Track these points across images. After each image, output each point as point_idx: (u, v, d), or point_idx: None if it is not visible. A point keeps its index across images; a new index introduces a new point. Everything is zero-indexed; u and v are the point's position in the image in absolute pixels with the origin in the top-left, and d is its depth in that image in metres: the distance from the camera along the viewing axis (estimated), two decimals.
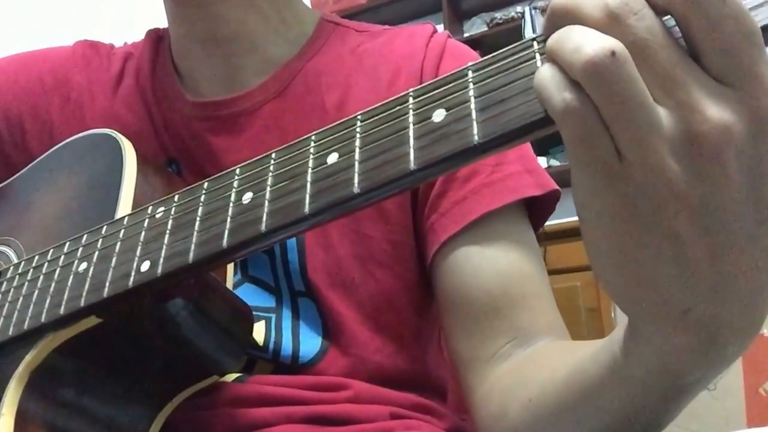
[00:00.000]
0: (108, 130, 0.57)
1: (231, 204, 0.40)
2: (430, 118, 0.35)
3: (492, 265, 0.54)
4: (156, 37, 0.68)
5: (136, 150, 0.54)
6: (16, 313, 0.47)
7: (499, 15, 2.92)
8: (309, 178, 0.37)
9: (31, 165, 0.61)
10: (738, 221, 0.28)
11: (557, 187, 0.57)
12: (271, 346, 0.56)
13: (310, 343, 0.56)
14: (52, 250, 0.49)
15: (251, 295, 0.57)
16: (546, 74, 0.29)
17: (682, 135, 0.27)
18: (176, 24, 0.64)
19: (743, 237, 0.29)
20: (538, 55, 0.33)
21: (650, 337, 0.33)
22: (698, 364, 0.33)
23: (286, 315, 0.57)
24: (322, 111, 0.59)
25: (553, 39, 0.29)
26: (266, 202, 0.38)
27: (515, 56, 0.34)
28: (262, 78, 0.61)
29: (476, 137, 0.33)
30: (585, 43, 0.27)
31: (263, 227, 0.38)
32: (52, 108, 0.65)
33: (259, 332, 0.56)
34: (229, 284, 0.55)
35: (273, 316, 0.57)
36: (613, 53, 0.26)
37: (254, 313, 0.56)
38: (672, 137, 0.27)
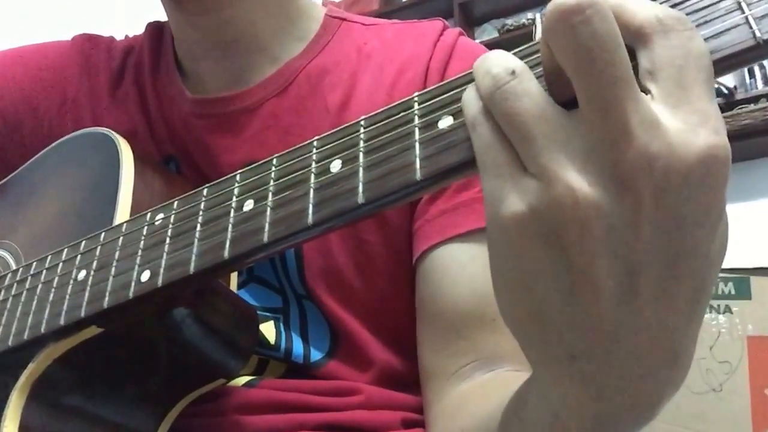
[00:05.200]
0: (104, 129, 0.55)
1: (232, 212, 0.39)
2: (437, 125, 0.33)
3: (469, 282, 0.52)
4: (157, 31, 0.66)
5: (132, 148, 0.53)
6: (15, 322, 0.46)
7: (510, 21, 2.93)
8: (312, 187, 0.36)
9: (26, 164, 0.60)
10: (650, 262, 0.25)
11: None
12: (283, 345, 0.55)
13: (319, 344, 0.56)
14: (50, 257, 0.48)
15: (258, 295, 0.57)
16: (464, 100, 0.30)
17: (595, 143, 0.25)
18: (180, 29, 0.62)
19: (650, 290, 0.25)
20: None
21: (544, 381, 0.30)
22: (588, 424, 0.29)
23: (294, 316, 0.56)
24: (324, 111, 0.57)
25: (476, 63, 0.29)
26: (268, 211, 0.37)
27: (524, 60, 0.32)
28: (266, 75, 0.60)
29: None
30: (492, 63, 0.28)
31: (265, 237, 0.37)
32: (51, 105, 0.64)
33: (269, 332, 0.55)
34: (234, 284, 0.54)
35: (281, 316, 0.56)
36: (513, 72, 0.27)
37: (263, 312, 0.56)
38: (581, 146, 0.25)
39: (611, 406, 0.28)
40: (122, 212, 0.48)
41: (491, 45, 2.94)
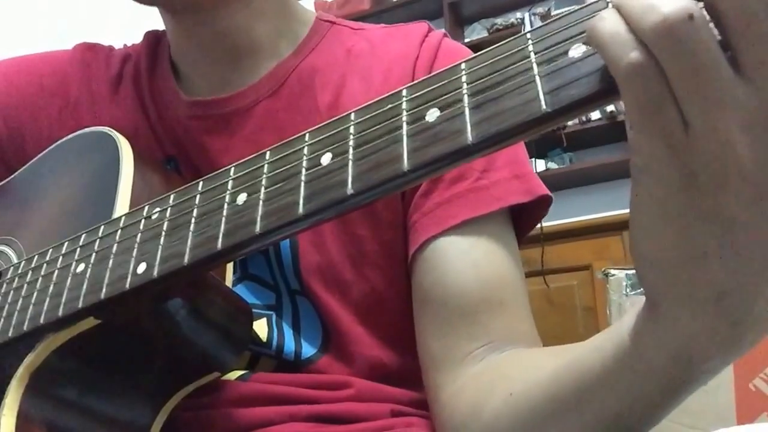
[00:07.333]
0: (105, 128, 0.56)
1: (226, 205, 0.40)
2: (424, 117, 0.34)
3: (473, 268, 0.53)
4: (154, 39, 0.67)
5: (132, 147, 0.54)
6: (15, 314, 0.47)
7: (499, 21, 2.96)
8: (303, 179, 0.37)
9: (29, 164, 0.61)
10: None
11: (547, 192, 0.56)
12: (274, 342, 0.56)
13: (311, 341, 0.56)
14: (50, 251, 0.49)
15: (251, 293, 0.57)
16: (610, 29, 0.26)
17: (760, 110, 0.26)
18: (177, 36, 0.63)
19: None
20: (532, 54, 0.32)
21: (677, 320, 0.32)
22: (717, 350, 0.32)
23: (287, 312, 0.57)
24: (315, 111, 0.58)
25: None
26: (260, 204, 0.38)
27: (509, 53, 0.33)
28: (259, 76, 0.61)
29: (470, 137, 0.32)
30: (660, 2, 0.25)
31: (258, 229, 0.37)
32: (51, 111, 0.65)
33: (261, 329, 0.56)
34: (228, 282, 0.55)
35: (273, 313, 0.57)
36: (691, 16, 0.25)
37: (255, 310, 0.56)
38: (747, 111, 0.26)
39: (744, 331, 0.31)
40: (121, 208, 0.49)
41: (481, 44, 2.90)
